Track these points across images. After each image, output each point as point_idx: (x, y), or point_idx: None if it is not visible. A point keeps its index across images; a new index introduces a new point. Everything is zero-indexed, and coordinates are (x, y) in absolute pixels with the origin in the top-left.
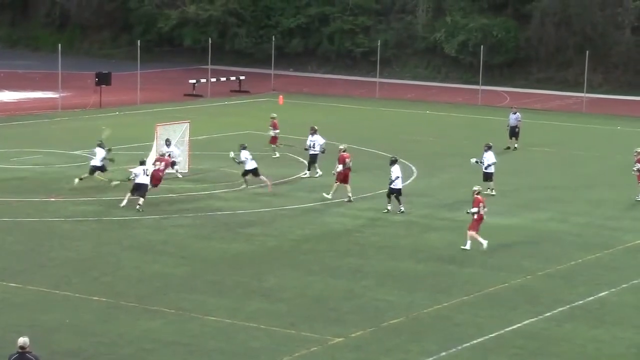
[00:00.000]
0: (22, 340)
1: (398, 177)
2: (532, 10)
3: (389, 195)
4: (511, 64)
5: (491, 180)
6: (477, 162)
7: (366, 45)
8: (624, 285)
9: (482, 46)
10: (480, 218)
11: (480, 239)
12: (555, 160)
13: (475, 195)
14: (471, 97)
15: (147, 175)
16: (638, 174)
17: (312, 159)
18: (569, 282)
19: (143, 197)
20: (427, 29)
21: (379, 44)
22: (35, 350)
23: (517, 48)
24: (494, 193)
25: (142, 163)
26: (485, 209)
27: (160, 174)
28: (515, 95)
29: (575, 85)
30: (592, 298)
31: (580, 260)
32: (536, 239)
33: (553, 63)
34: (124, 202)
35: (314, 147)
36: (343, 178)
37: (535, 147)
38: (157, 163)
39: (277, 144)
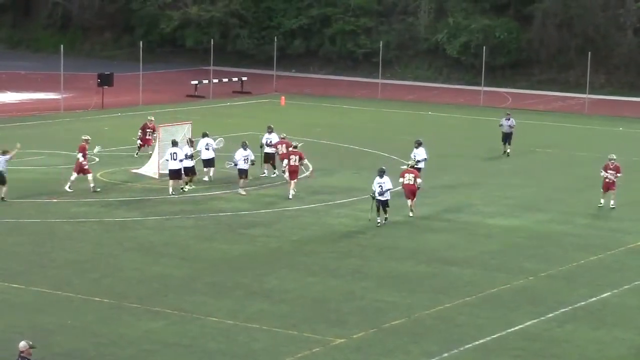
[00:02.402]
0: (21, 344)
1: (389, 189)
2: (533, 11)
3: (382, 208)
4: (513, 65)
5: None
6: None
7: (368, 46)
8: (625, 287)
9: (484, 47)
10: (409, 187)
11: (410, 208)
12: (556, 161)
13: (408, 168)
14: (473, 98)
15: (178, 161)
16: (607, 181)
17: (267, 157)
18: (571, 283)
19: (179, 179)
20: (429, 30)
21: (381, 45)
22: (35, 351)
23: (519, 49)
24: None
25: (268, 145)
26: (419, 180)
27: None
28: (517, 96)
29: (577, 86)
30: (593, 299)
31: (582, 262)
32: (538, 240)
33: (555, 64)
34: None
35: (268, 145)
36: (291, 175)
37: (537, 148)
38: (279, 146)
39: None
